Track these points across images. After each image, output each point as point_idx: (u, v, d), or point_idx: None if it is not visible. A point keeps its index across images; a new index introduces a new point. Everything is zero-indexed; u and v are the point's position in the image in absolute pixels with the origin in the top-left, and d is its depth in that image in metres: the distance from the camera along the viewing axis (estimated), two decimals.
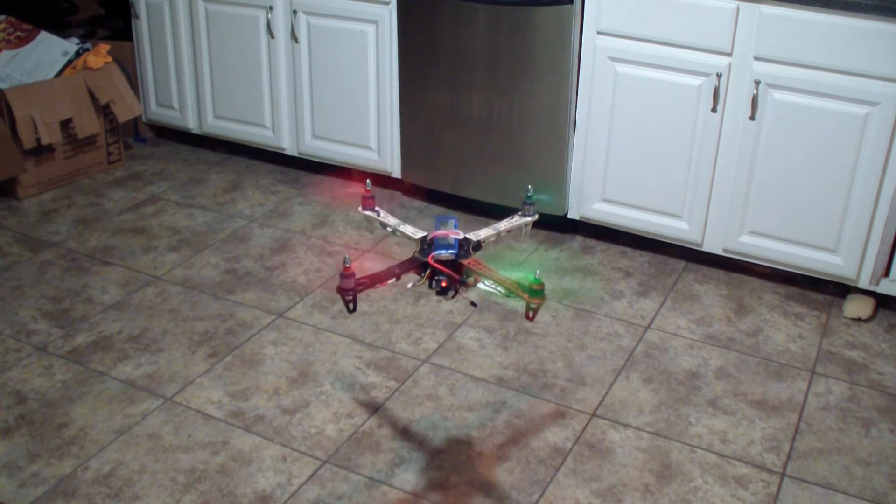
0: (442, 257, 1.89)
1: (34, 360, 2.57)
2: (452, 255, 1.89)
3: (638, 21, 2.84)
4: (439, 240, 1.93)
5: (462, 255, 1.91)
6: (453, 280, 1.89)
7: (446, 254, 1.89)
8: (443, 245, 1.91)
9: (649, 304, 2.88)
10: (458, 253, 1.90)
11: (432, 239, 1.94)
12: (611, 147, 3.03)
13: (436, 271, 1.89)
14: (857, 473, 2.19)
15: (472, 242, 1.97)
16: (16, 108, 3.38)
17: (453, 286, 1.90)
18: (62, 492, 2.09)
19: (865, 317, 2.80)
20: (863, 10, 2.52)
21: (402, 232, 2.05)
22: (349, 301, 1.82)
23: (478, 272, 1.89)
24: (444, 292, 1.91)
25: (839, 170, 2.70)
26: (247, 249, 3.19)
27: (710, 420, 2.36)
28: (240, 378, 2.50)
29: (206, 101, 3.81)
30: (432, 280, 1.90)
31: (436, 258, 1.88)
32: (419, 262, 1.91)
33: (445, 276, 1.88)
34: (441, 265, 1.88)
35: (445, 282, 1.89)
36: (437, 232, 1.96)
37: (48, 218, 3.40)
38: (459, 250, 1.91)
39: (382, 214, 2.13)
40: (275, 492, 2.10)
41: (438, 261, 1.88)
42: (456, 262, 1.89)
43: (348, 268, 1.80)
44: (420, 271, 1.92)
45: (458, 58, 3.17)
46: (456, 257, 1.89)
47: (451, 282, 1.89)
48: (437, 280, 1.89)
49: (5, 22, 3.73)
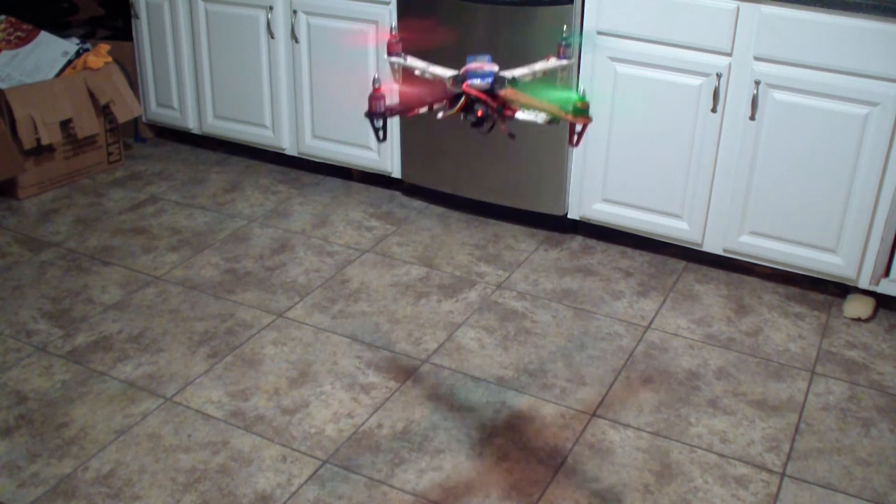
0: (477, 85, 1.76)
1: (34, 360, 2.57)
2: (489, 83, 1.76)
3: (638, 21, 2.84)
4: (473, 71, 1.79)
5: (498, 85, 1.79)
6: (490, 108, 1.76)
7: (481, 82, 1.76)
8: (478, 74, 1.78)
9: (649, 304, 2.88)
10: (493, 83, 1.77)
11: (465, 71, 1.80)
12: (611, 147, 3.03)
13: (471, 101, 1.76)
14: (857, 473, 2.19)
15: (507, 77, 1.84)
16: (16, 108, 3.38)
17: (490, 116, 1.77)
18: (62, 492, 2.09)
19: (865, 317, 2.80)
20: (863, 10, 2.53)
21: (433, 73, 1.91)
22: (378, 128, 1.72)
23: (516, 101, 1.76)
24: (480, 123, 1.78)
25: (839, 170, 2.70)
26: (247, 249, 3.19)
27: (710, 420, 2.36)
28: (240, 378, 2.50)
29: (206, 101, 3.81)
30: (466, 110, 1.78)
31: (471, 85, 1.76)
32: (454, 94, 1.79)
33: (482, 105, 1.75)
34: (476, 92, 1.75)
35: (481, 111, 1.76)
36: (470, 65, 1.82)
37: (48, 218, 3.40)
38: (495, 81, 1.78)
39: (409, 59, 2.00)
40: (275, 492, 2.10)
41: (474, 87, 1.76)
42: (492, 91, 1.76)
43: (378, 89, 1.69)
44: (454, 102, 1.79)
45: (458, 58, 3.16)
46: (492, 86, 1.77)
47: (488, 111, 1.76)
48: (473, 109, 1.76)
49: (5, 22, 3.73)
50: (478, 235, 3.29)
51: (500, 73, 1.82)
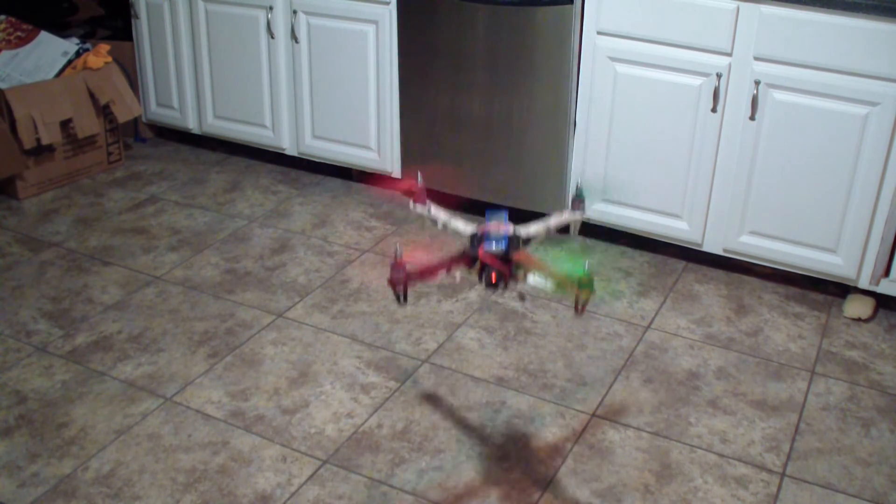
0: (493, 251, 1.87)
1: (34, 360, 2.57)
2: (503, 249, 1.87)
3: (638, 21, 2.84)
4: (490, 233, 1.90)
5: (512, 248, 1.89)
6: (503, 274, 1.87)
7: (497, 248, 1.87)
8: (494, 239, 1.89)
9: (649, 304, 2.88)
10: (508, 247, 1.88)
11: (483, 233, 1.91)
12: (611, 147, 3.03)
13: (486, 265, 1.87)
14: (857, 473, 2.19)
15: (521, 237, 1.95)
16: (16, 108, 3.38)
17: (503, 280, 1.88)
18: (62, 492, 2.09)
19: (865, 317, 2.80)
20: (863, 10, 2.52)
21: (453, 228, 2.03)
22: (400, 293, 1.84)
23: (527, 266, 1.88)
24: (494, 286, 1.89)
25: (839, 170, 2.70)
26: (247, 249, 3.19)
27: (710, 420, 2.36)
28: (240, 378, 2.50)
29: (206, 101, 3.81)
30: (482, 273, 1.89)
31: (486, 251, 1.87)
32: (470, 255, 1.90)
33: (495, 270, 1.86)
34: (491, 258, 1.86)
35: (495, 275, 1.87)
36: (488, 226, 1.93)
37: (48, 218, 3.40)
38: (510, 244, 1.89)
39: (433, 209, 2.11)
40: (275, 492, 2.10)
41: (489, 254, 1.87)
42: (506, 255, 1.88)
43: (400, 260, 1.82)
44: (470, 264, 1.91)
45: (458, 58, 3.17)
46: (506, 251, 1.88)
47: (501, 275, 1.87)
48: (487, 273, 1.87)
49: (5, 22, 3.73)
50: None
51: (516, 232, 1.93)
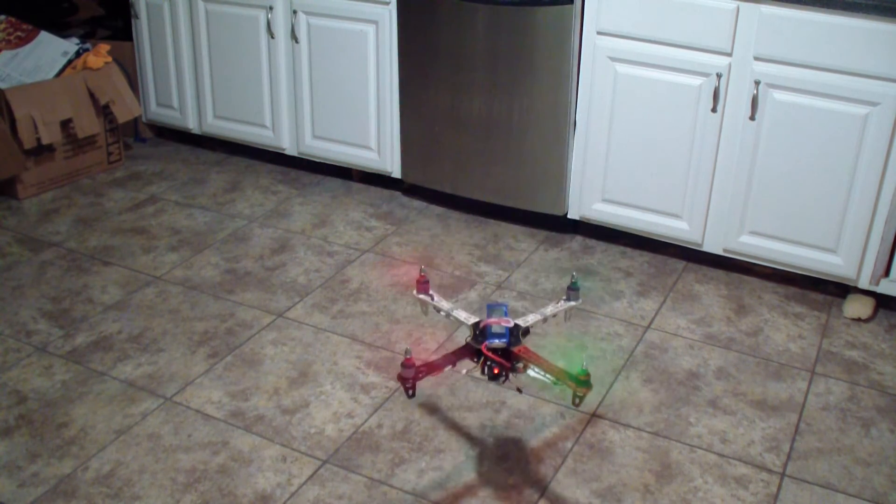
0: (495, 346, 2.00)
1: (34, 360, 2.57)
2: (504, 343, 2.01)
3: (638, 21, 2.84)
4: (492, 328, 2.03)
5: (513, 342, 2.02)
6: (505, 368, 2.00)
7: (499, 342, 2.00)
8: (495, 334, 2.02)
9: (649, 304, 2.88)
10: (509, 341, 2.01)
11: (485, 326, 2.05)
12: (611, 147, 3.03)
13: (488, 358, 2.00)
14: (857, 473, 2.19)
15: (521, 329, 2.08)
16: (16, 108, 3.38)
17: (504, 373, 2.01)
18: (62, 492, 2.09)
19: (865, 317, 2.80)
20: (863, 10, 2.53)
21: (456, 317, 2.16)
22: (409, 388, 2.01)
23: (528, 360, 2.01)
24: (496, 378, 2.02)
25: (839, 170, 2.70)
26: (247, 249, 3.19)
27: (710, 420, 2.36)
28: (240, 378, 2.50)
29: (206, 101, 3.81)
30: (485, 366, 2.02)
31: (489, 347, 2.00)
32: (473, 349, 2.03)
33: (497, 364, 2.00)
34: (494, 354, 1.99)
35: (497, 369, 2.00)
36: (489, 320, 2.06)
37: (48, 218, 3.40)
38: (511, 338, 2.02)
39: (436, 299, 2.24)
40: (275, 492, 2.10)
41: (491, 349, 2.00)
42: (507, 349, 2.01)
43: (409, 359, 1.97)
44: (474, 357, 2.04)
45: (458, 58, 3.17)
46: (508, 345, 2.01)
47: (503, 369, 2.00)
48: (490, 367, 2.01)
49: (5, 22, 3.73)
50: (478, 235, 3.29)
51: (516, 323, 2.08)
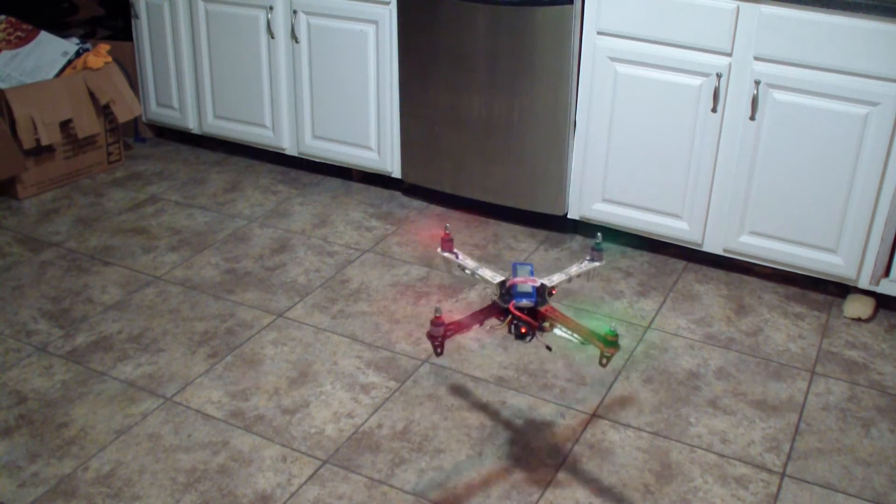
0: (522, 305, 1.99)
1: (34, 360, 2.57)
2: (532, 302, 2.00)
3: (638, 21, 2.84)
4: (518, 287, 2.03)
5: (540, 302, 2.01)
6: (532, 326, 2.00)
7: (526, 301, 2.00)
8: (522, 293, 2.02)
9: (649, 304, 2.88)
10: (536, 300, 2.01)
11: (511, 285, 2.04)
12: (611, 147, 3.03)
13: (516, 317, 1.99)
14: (857, 473, 2.19)
15: (547, 288, 2.07)
16: (16, 108, 3.38)
17: (531, 332, 2.01)
18: (62, 492, 2.09)
19: (865, 317, 2.80)
20: (863, 10, 2.53)
21: (481, 276, 2.15)
22: (437, 346, 1.99)
23: (554, 319, 2.00)
24: (523, 337, 2.02)
25: (839, 170, 2.70)
26: (247, 249, 3.19)
27: (710, 420, 2.36)
28: (240, 378, 2.50)
29: (206, 101, 3.81)
30: (512, 325, 2.02)
31: (516, 306, 1.99)
32: (501, 308, 2.03)
33: (525, 323, 1.99)
34: (521, 313, 1.98)
35: (525, 328, 2.00)
36: (516, 279, 2.05)
37: (48, 218, 3.40)
38: (537, 297, 2.01)
39: (461, 257, 2.22)
40: (275, 492, 2.10)
41: (519, 308, 1.99)
42: (534, 308, 2.00)
43: (439, 317, 1.95)
44: (501, 316, 2.04)
45: (458, 58, 3.17)
46: (535, 305, 2.00)
47: (530, 328, 2.00)
48: (517, 326, 2.00)
49: (5, 22, 3.73)
50: (478, 235, 3.29)
51: (542, 283, 2.07)
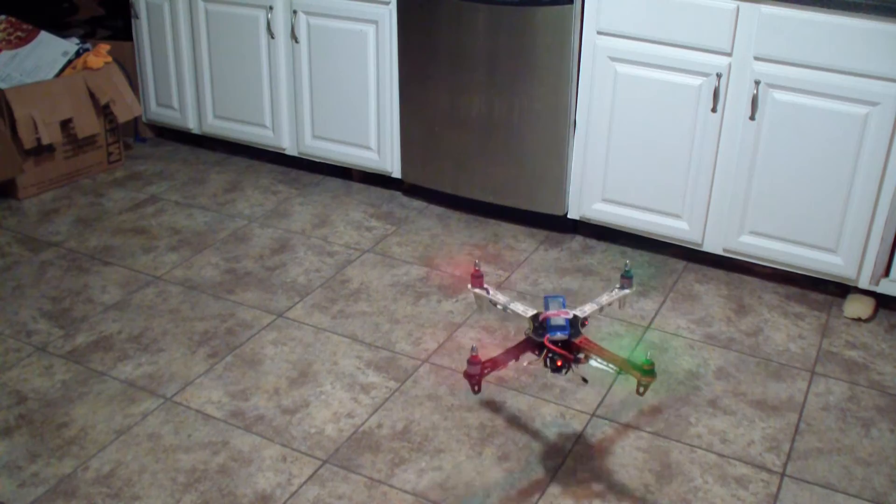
0: (557, 338, 2.01)
1: (34, 360, 2.57)
2: (566, 335, 2.01)
3: (638, 21, 2.84)
4: (551, 320, 2.04)
5: (574, 333, 2.03)
6: (567, 359, 2.01)
7: (560, 335, 2.01)
8: (556, 326, 2.03)
9: (649, 304, 2.88)
10: (570, 332, 2.02)
11: (544, 319, 2.05)
12: (611, 147, 3.03)
13: (551, 350, 2.01)
14: (857, 473, 2.19)
15: (580, 319, 2.08)
16: (16, 108, 3.38)
17: (567, 364, 2.02)
18: (62, 492, 2.09)
19: (865, 317, 2.80)
20: (863, 10, 2.53)
21: (513, 310, 2.16)
22: (475, 384, 2.01)
23: (589, 351, 2.01)
24: (559, 370, 2.03)
25: (839, 170, 2.70)
26: (247, 249, 3.19)
27: (710, 420, 2.36)
28: (240, 378, 2.50)
29: (206, 101, 3.81)
30: (547, 359, 2.03)
31: (551, 339, 2.01)
32: (535, 342, 2.04)
33: (560, 356, 2.00)
34: (556, 346, 2.00)
35: (560, 361, 2.01)
36: (549, 312, 2.06)
37: (48, 218, 3.40)
38: (571, 329, 2.03)
39: (492, 292, 2.24)
40: (275, 492, 2.10)
41: (553, 342, 2.01)
42: (569, 341, 2.01)
43: (475, 356, 1.98)
44: (536, 350, 2.05)
45: (458, 58, 3.17)
46: (569, 337, 2.01)
47: (566, 361, 2.01)
48: (553, 359, 2.02)
49: (5, 22, 3.73)
50: (478, 235, 3.29)
51: (575, 314, 2.08)
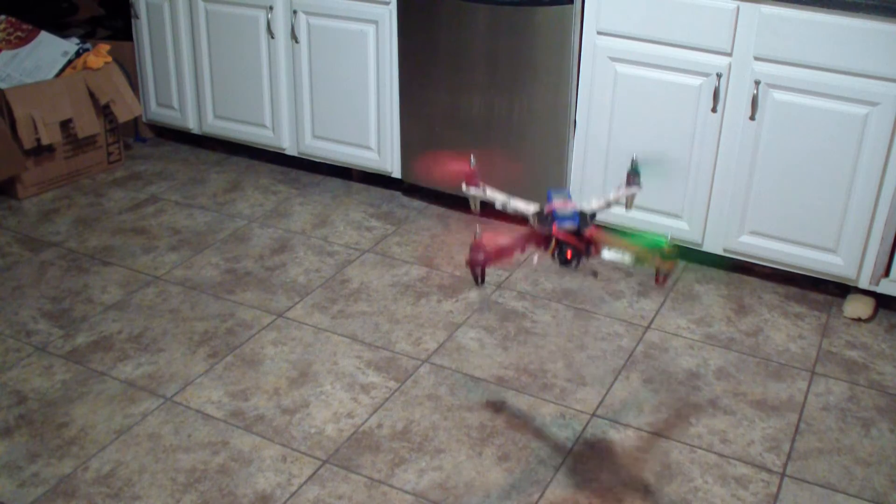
0: (566, 228, 1.85)
1: (34, 360, 2.57)
2: (575, 225, 1.85)
3: (638, 21, 2.84)
4: (559, 210, 1.88)
5: (582, 225, 1.87)
6: (579, 250, 1.85)
7: (570, 224, 1.85)
8: (564, 216, 1.87)
9: (649, 304, 2.88)
10: (580, 223, 1.86)
11: (550, 211, 1.89)
12: (611, 147, 3.03)
13: (560, 242, 1.85)
14: (857, 473, 2.19)
15: (589, 212, 1.92)
16: (16, 108, 3.38)
17: (578, 256, 1.86)
18: (62, 492, 2.09)
19: (865, 317, 2.80)
20: (863, 10, 2.53)
21: (514, 207, 2.00)
22: (479, 274, 1.84)
23: (601, 242, 1.86)
24: (569, 263, 1.87)
25: (839, 170, 2.70)
26: (247, 249, 3.19)
27: (710, 420, 2.36)
28: (240, 378, 2.50)
29: (206, 101, 3.81)
30: (557, 251, 1.87)
31: (560, 229, 1.84)
32: (543, 235, 1.87)
33: (571, 247, 1.84)
34: (566, 236, 1.84)
35: (571, 252, 1.85)
36: (554, 204, 1.91)
37: (48, 218, 3.40)
38: (581, 221, 1.87)
39: (489, 191, 2.07)
40: (275, 492, 2.10)
41: (564, 231, 1.84)
42: (579, 231, 1.85)
43: (479, 241, 1.81)
44: (543, 243, 1.88)
45: (458, 58, 3.17)
46: (579, 228, 1.85)
47: (577, 252, 1.85)
48: (563, 251, 1.85)
49: (5, 22, 3.73)
50: None
51: (582, 209, 1.91)
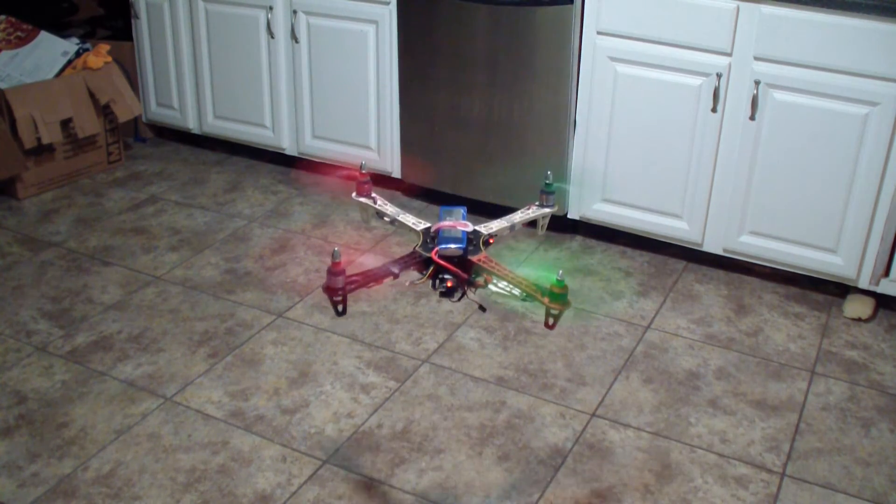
0: (448, 252, 1.61)
1: (34, 360, 2.57)
2: (460, 249, 1.61)
3: (638, 21, 2.84)
4: (444, 232, 1.64)
5: (471, 250, 1.63)
6: (460, 279, 1.61)
7: (453, 248, 1.61)
8: (449, 238, 1.62)
9: (649, 304, 2.88)
10: (466, 248, 1.62)
11: (437, 231, 1.66)
12: (611, 147, 3.03)
13: (440, 269, 1.60)
14: (857, 473, 2.19)
15: (482, 236, 1.68)
16: (16, 107, 3.38)
17: (460, 287, 1.63)
18: (62, 492, 2.09)
19: (865, 317, 2.80)
20: (863, 10, 2.52)
21: (402, 222, 1.76)
22: (338, 302, 1.57)
23: (489, 271, 1.61)
24: (450, 293, 1.63)
25: (839, 170, 2.70)
26: (247, 249, 3.19)
27: (710, 420, 2.36)
28: (240, 378, 2.50)
29: (206, 101, 3.81)
30: (436, 279, 1.62)
31: (440, 254, 1.60)
32: (421, 257, 1.63)
33: (451, 275, 1.60)
34: (446, 262, 1.60)
35: (451, 282, 1.61)
36: (443, 223, 1.67)
37: (48, 218, 3.40)
38: (468, 244, 1.63)
39: (380, 202, 1.83)
40: (275, 492, 2.11)
41: (443, 257, 1.60)
42: (464, 258, 1.61)
43: (337, 263, 1.54)
44: (422, 268, 1.64)
45: (458, 58, 3.17)
46: (464, 253, 1.61)
47: (458, 281, 1.62)
48: (442, 279, 1.61)
49: (5, 22, 3.73)
50: None
51: (476, 229, 1.69)
